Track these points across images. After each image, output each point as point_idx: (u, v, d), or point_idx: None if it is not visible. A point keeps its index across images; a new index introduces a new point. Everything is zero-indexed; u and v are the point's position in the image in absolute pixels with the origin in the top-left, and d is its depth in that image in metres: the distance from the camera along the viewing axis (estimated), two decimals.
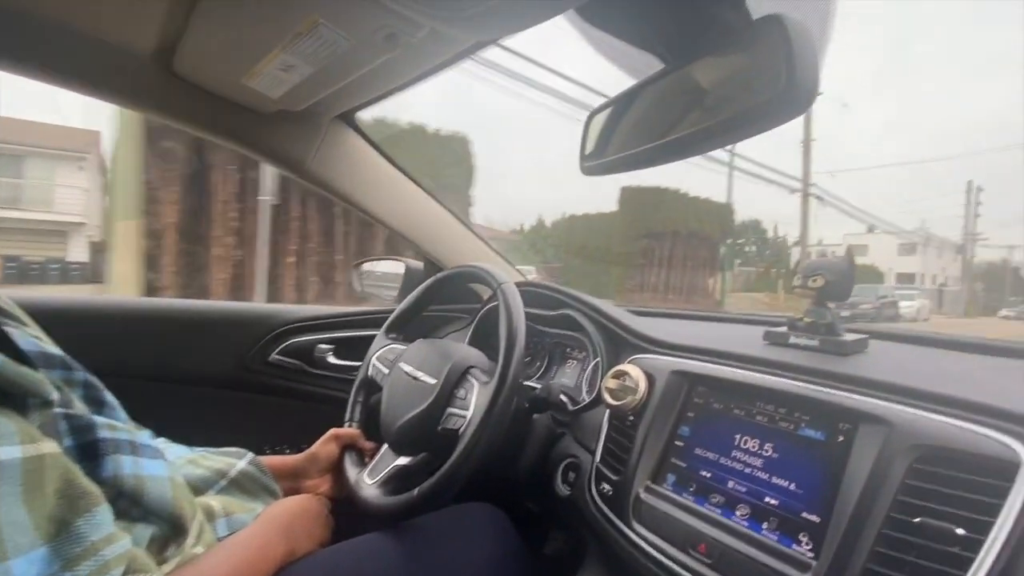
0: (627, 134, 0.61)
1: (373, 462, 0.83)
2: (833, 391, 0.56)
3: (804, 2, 0.47)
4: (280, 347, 1.25)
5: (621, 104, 0.63)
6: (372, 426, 0.88)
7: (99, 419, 0.45)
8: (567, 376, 1.06)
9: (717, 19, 0.48)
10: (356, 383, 0.95)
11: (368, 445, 0.88)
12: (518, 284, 0.81)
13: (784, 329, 0.72)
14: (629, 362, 0.78)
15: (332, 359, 1.25)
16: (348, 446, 0.88)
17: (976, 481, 0.44)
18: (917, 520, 0.44)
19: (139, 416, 0.56)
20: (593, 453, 0.76)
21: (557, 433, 0.89)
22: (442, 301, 1.30)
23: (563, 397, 0.86)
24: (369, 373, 0.94)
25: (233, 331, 1.24)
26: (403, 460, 0.78)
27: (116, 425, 0.47)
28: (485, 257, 1.29)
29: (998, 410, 0.47)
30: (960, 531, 0.42)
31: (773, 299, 16.12)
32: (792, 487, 0.55)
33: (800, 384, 0.59)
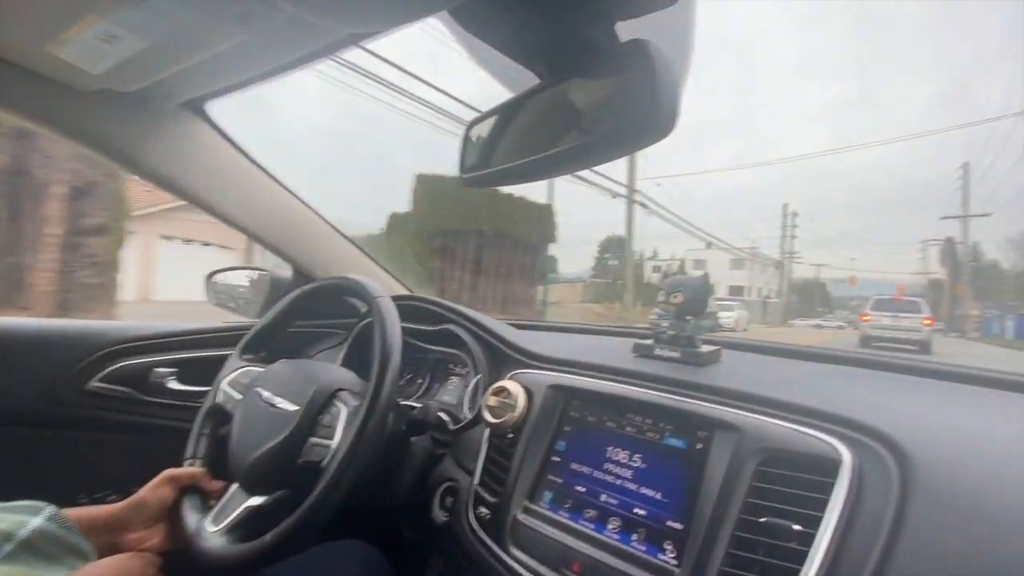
0: (508, 147, 0.60)
1: (219, 505, 0.71)
2: (692, 401, 0.59)
3: (666, 31, 0.50)
4: (104, 372, 1.04)
5: (502, 116, 0.62)
6: (219, 462, 0.76)
7: None
8: (449, 394, 1.02)
9: (587, 40, 0.49)
10: (201, 412, 0.82)
11: (214, 485, 0.76)
12: (397, 298, 0.76)
13: (651, 342, 0.76)
14: (509, 378, 0.76)
15: (173, 384, 1.07)
16: (188, 488, 0.75)
17: (808, 479, 0.49)
18: (763, 520, 0.48)
19: None
20: (472, 475, 0.73)
21: (437, 455, 0.85)
22: (314, 316, 1.19)
23: (444, 416, 0.82)
24: (218, 400, 0.82)
25: (37, 355, 1.01)
26: (256, 500, 0.68)
27: None
28: (361, 267, 1.20)
29: (824, 413, 0.53)
30: (796, 527, 0.46)
31: (608, 309, 16.47)
32: (659, 496, 0.57)
33: (664, 395, 0.62)
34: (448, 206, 10.80)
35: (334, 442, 0.64)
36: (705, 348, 0.73)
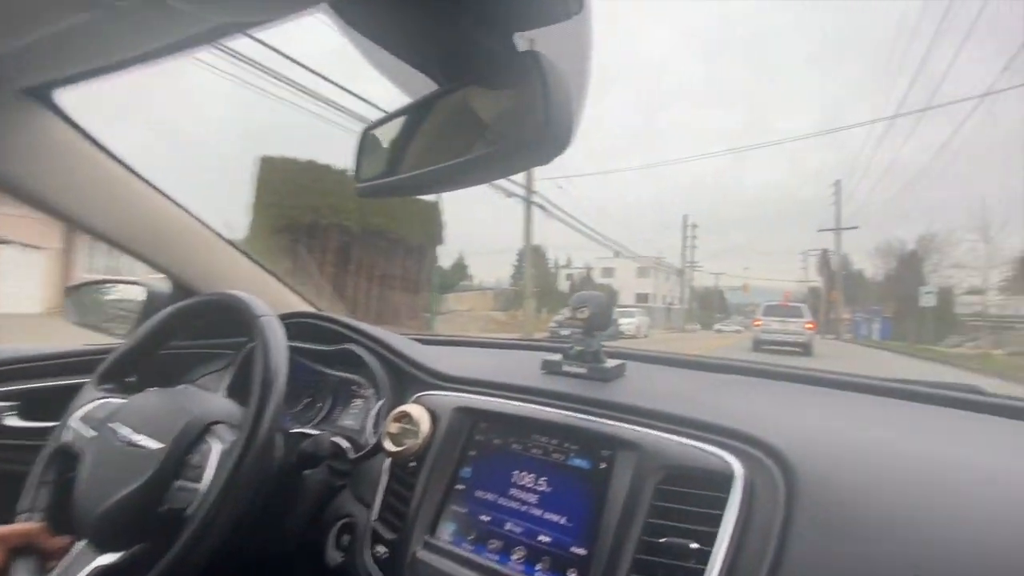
0: (408, 156, 0.56)
1: (60, 568, 0.60)
2: (596, 419, 0.59)
3: (564, 47, 0.49)
4: None
5: (401, 122, 0.58)
6: (64, 515, 0.64)
7: None
8: (353, 418, 0.95)
9: (484, 47, 0.46)
10: (43, 455, 0.69)
11: (55, 543, 0.64)
12: (288, 316, 0.68)
13: (559, 358, 0.75)
14: (413, 401, 0.72)
15: (13, 421, 0.90)
16: (20, 549, 0.62)
17: (705, 495, 0.49)
18: (663, 540, 0.48)
19: None
20: (371, 508, 0.68)
21: (336, 487, 0.78)
22: (199, 335, 1.06)
23: (344, 444, 0.76)
24: (65, 439, 0.69)
25: None
26: (108, 558, 0.58)
27: None
28: (254, 280, 1.09)
29: (719, 427, 0.54)
30: (694, 545, 0.46)
31: (512, 317, 16.29)
32: (563, 521, 0.55)
33: (569, 414, 0.60)
34: (299, 195, 8.76)
35: (203, 484, 0.56)
36: (611, 363, 0.73)
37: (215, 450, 0.58)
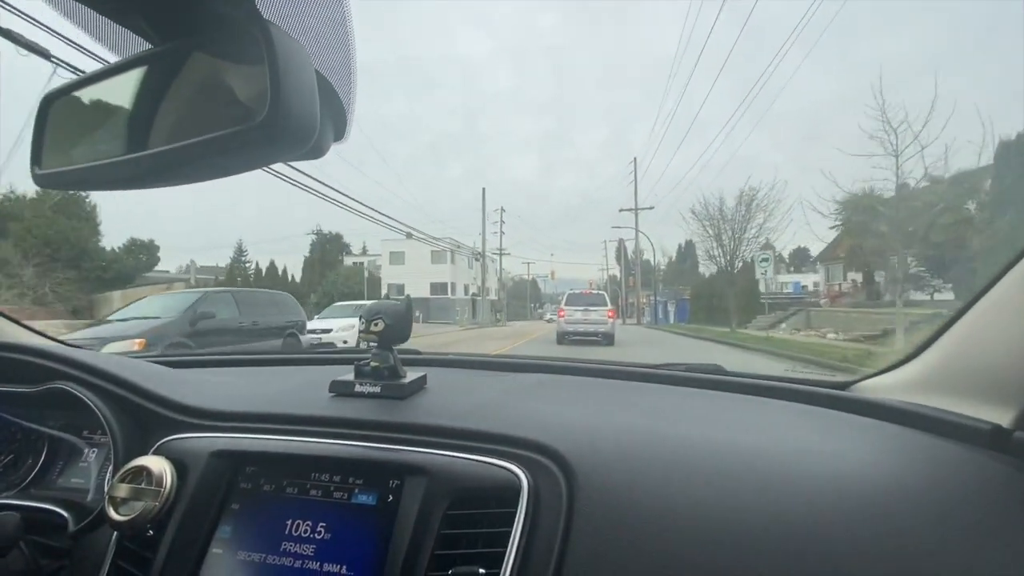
0: (100, 137, 0.42)
1: None
2: (385, 446, 0.53)
3: (320, 34, 0.41)
4: None
5: (98, 91, 0.44)
6: None
7: None
8: (81, 476, 0.72)
9: (212, 2, 0.36)
10: None
11: None
12: None
13: (351, 377, 0.67)
14: (154, 451, 0.57)
15: None
16: None
17: (493, 514, 0.47)
18: (450, 573, 0.44)
19: None
20: None
21: (51, 572, 0.58)
22: None
23: (62, 513, 0.57)
24: None
25: None
26: None
27: None
28: None
29: (509, 437, 0.53)
30: (482, 571, 0.44)
31: None
32: (344, 571, 0.48)
33: (353, 444, 0.54)
34: None
35: None
36: (410, 376, 0.68)
37: None
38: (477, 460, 0.50)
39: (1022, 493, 0.45)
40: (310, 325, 8.56)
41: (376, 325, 0.66)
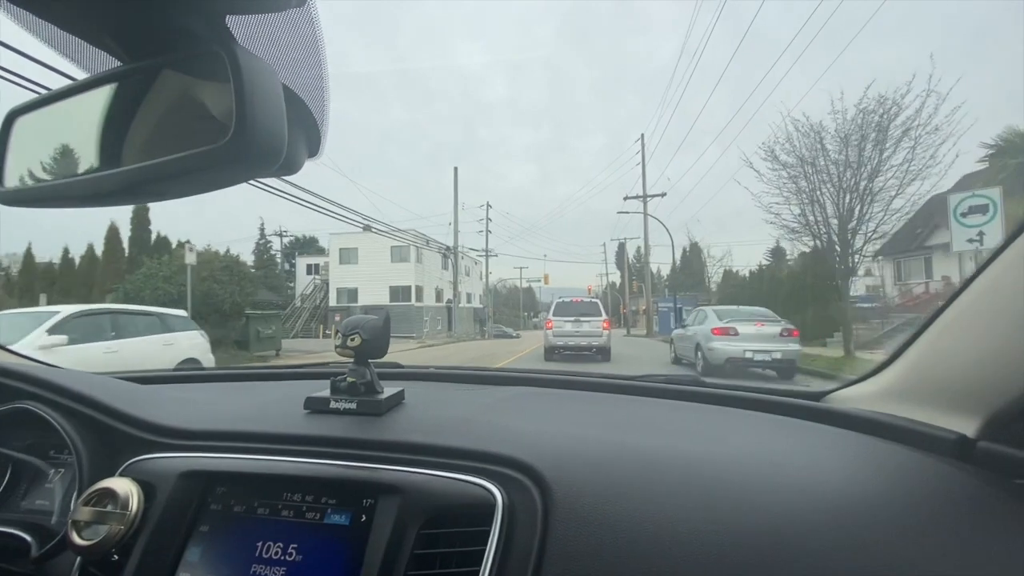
0: (65, 154, 0.42)
1: None
2: (358, 464, 0.52)
3: (290, 51, 0.41)
4: None
5: (62, 107, 0.43)
6: None
7: None
8: (47, 498, 0.70)
9: (182, 24, 0.36)
10: None
11: None
12: None
13: (326, 393, 0.66)
14: (120, 473, 0.55)
15: None
16: None
17: (468, 532, 0.47)
18: None
19: None
20: None
21: None
22: None
23: (27, 536, 0.55)
24: None
25: None
26: None
27: None
28: None
29: (485, 454, 0.52)
30: None
31: None
32: None
33: (327, 463, 0.53)
34: None
35: None
36: (388, 392, 0.67)
37: None
38: (452, 478, 0.50)
39: (986, 503, 0.46)
40: None
41: (353, 340, 0.66)
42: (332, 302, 28.14)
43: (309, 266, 32.44)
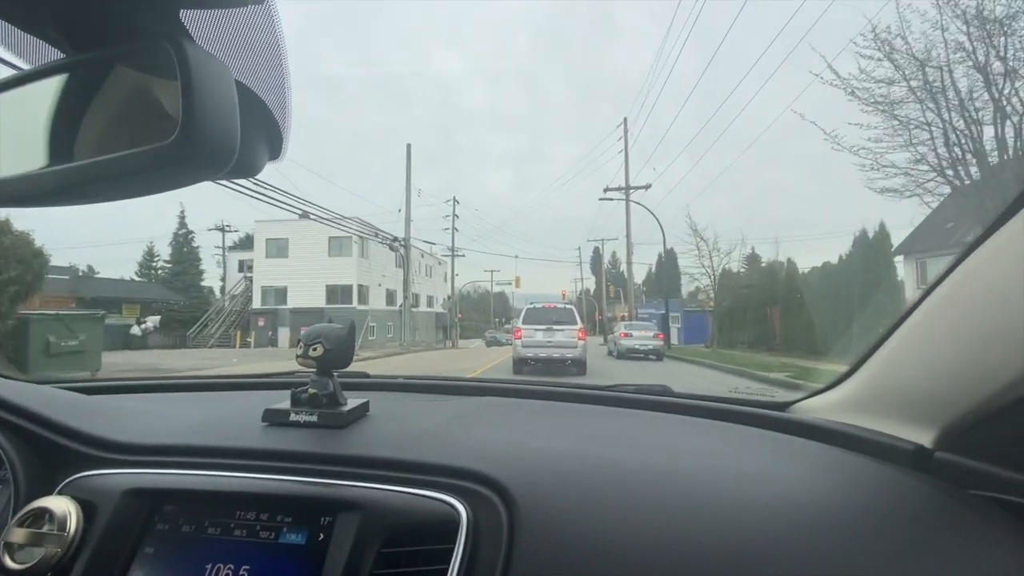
0: (22, 146, 0.39)
1: None
2: (316, 480, 0.50)
3: (249, 50, 0.40)
4: None
5: (12, 96, 0.41)
6: None
7: None
8: None
9: (129, 11, 0.35)
10: None
11: None
12: None
13: (286, 404, 0.63)
14: (59, 491, 0.52)
15: None
16: None
17: (430, 551, 0.45)
18: None
19: None
20: None
21: None
22: None
23: None
24: None
25: None
26: None
27: None
28: None
29: (449, 468, 0.51)
30: None
31: None
32: None
33: (284, 479, 0.50)
34: None
35: None
36: (351, 403, 0.65)
37: None
38: (414, 493, 0.48)
39: (942, 513, 0.47)
40: None
41: (315, 350, 0.64)
42: (256, 303, 23.80)
43: (241, 262, 27.60)
